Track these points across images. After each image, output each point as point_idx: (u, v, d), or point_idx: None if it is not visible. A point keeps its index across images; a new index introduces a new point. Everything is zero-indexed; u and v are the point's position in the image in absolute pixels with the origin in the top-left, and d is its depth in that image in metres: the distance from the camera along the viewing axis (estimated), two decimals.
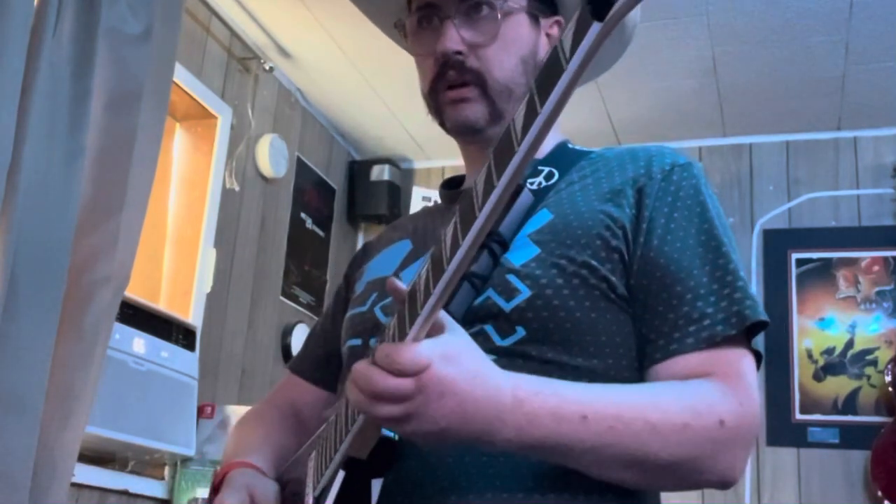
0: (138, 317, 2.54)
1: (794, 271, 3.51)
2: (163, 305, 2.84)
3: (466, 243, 0.75)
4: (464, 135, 1.11)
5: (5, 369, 1.93)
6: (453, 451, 0.93)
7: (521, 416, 0.82)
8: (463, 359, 0.80)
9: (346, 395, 0.84)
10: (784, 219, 3.60)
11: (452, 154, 1.19)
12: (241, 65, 3.21)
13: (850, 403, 3.33)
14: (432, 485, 0.93)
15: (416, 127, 3.77)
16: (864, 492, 3.22)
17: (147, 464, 2.65)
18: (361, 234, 4.04)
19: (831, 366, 3.39)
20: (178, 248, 2.98)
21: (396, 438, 0.91)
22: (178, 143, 3.10)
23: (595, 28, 0.63)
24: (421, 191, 3.86)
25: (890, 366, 3.23)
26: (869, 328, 3.39)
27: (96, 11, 2.20)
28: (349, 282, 1.27)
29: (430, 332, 0.81)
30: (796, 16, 2.93)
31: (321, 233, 3.75)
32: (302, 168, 3.61)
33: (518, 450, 0.84)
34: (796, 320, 3.44)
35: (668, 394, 0.90)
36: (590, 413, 0.85)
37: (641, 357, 0.99)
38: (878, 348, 3.36)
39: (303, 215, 3.61)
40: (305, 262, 3.62)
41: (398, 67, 1.32)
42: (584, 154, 1.12)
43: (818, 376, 3.39)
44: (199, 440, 2.76)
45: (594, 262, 0.98)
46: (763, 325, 0.96)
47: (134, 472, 2.60)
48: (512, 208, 0.80)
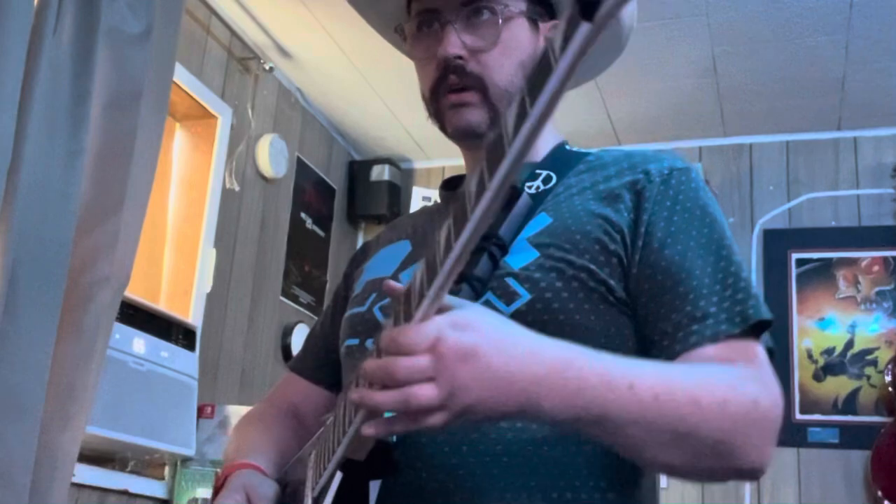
0: (138, 317, 2.54)
1: (794, 271, 3.51)
2: (163, 305, 2.84)
3: (459, 245, 0.75)
4: (465, 139, 1.11)
5: (5, 369, 1.93)
6: (457, 452, 0.93)
7: (566, 381, 0.79)
8: (479, 325, 0.78)
9: (350, 397, 0.82)
10: (784, 219, 3.60)
11: (452, 154, 1.19)
12: (241, 65, 3.21)
13: (850, 403, 3.33)
14: (435, 487, 0.92)
15: (416, 127, 3.77)
16: (864, 492, 3.22)
17: (147, 464, 2.65)
18: (361, 234, 4.05)
19: (831, 366, 3.39)
20: (178, 248, 2.98)
21: (394, 441, 0.91)
22: (178, 143, 3.10)
23: (584, 28, 0.63)
24: (421, 191, 3.86)
25: (890, 366, 3.23)
26: (869, 328, 3.39)
27: (96, 11, 2.20)
28: (348, 281, 1.27)
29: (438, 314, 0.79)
30: (796, 16, 2.93)
31: (321, 233, 3.75)
32: (302, 168, 3.61)
33: (563, 420, 0.81)
34: (796, 320, 3.44)
35: (707, 369, 0.89)
36: (637, 382, 0.82)
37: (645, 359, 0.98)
38: (878, 348, 3.36)
39: (303, 215, 3.61)
40: (305, 262, 3.62)
41: (398, 68, 1.32)
42: (581, 156, 1.12)
43: (818, 376, 3.39)
44: (199, 440, 2.76)
45: (593, 265, 0.98)
46: (767, 324, 0.96)
47: (134, 472, 2.60)
48: (511, 212, 0.80)
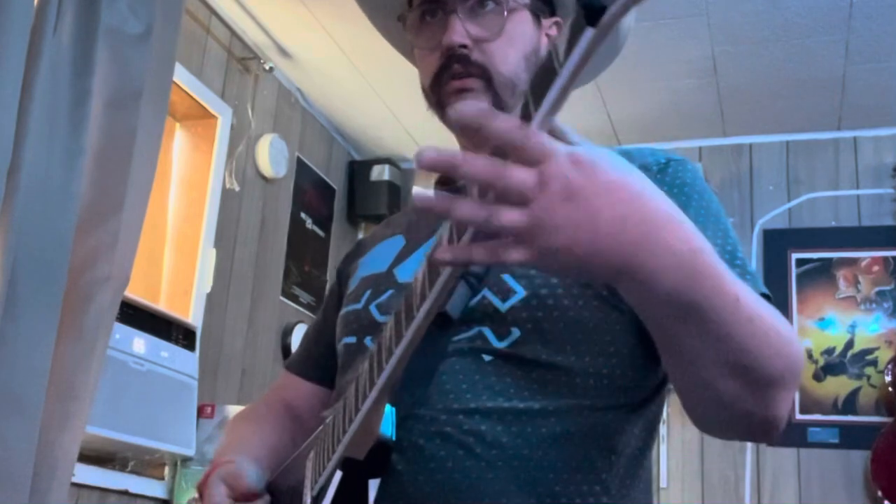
0: (138, 317, 2.54)
1: (794, 271, 3.51)
2: (163, 305, 2.84)
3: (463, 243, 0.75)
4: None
5: (5, 369, 1.93)
6: (453, 456, 0.93)
7: (685, 268, 0.71)
8: (600, 167, 0.68)
9: (425, 200, 0.69)
10: (784, 219, 3.60)
11: None
12: (241, 65, 3.21)
13: (850, 403, 3.33)
14: (431, 489, 0.92)
15: (416, 127, 3.77)
16: (864, 492, 3.22)
17: (147, 464, 2.65)
18: (361, 234, 4.04)
19: (831, 366, 3.39)
20: (178, 248, 2.98)
21: (393, 440, 0.91)
22: (178, 143, 3.10)
23: (588, 33, 0.63)
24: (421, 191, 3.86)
25: (890, 366, 3.23)
26: (869, 328, 3.40)
27: (96, 11, 2.20)
28: (342, 278, 1.26)
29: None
30: (796, 16, 2.93)
31: (321, 233, 3.75)
32: (302, 168, 3.61)
33: (659, 294, 0.72)
34: (796, 320, 3.45)
35: (773, 310, 0.85)
36: (741, 298, 0.76)
37: (652, 349, 0.93)
38: (878, 348, 3.36)
39: (303, 215, 3.61)
40: (305, 262, 3.62)
41: (398, 67, 1.32)
42: None
43: (818, 376, 3.39)
44: (199, 440, 2.76)
45: None
46: (766, 298, 0.93)
47: (134, 472, 2.60)
48: None
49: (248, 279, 3.24)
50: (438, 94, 1.11)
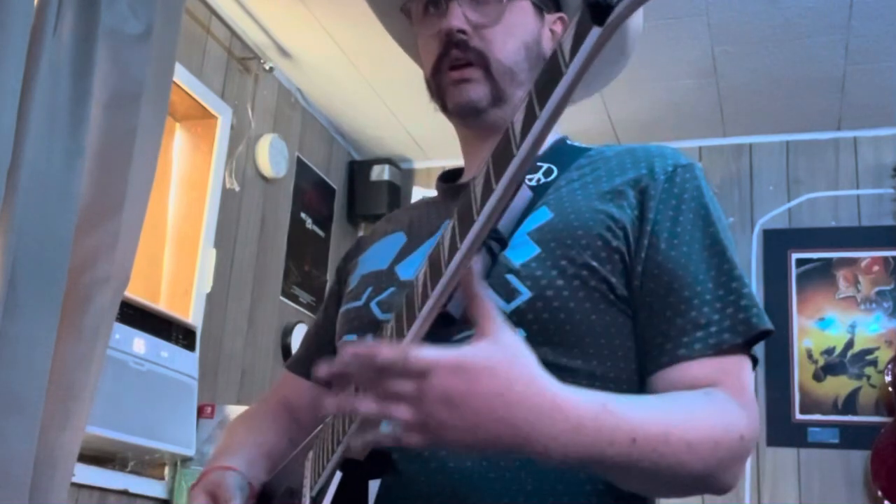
0: (138, 317, 2.54)
1: (794, 271, 3.51)
2: (163, 305, 2.84)
3: (465, 246, 0.75)
4: (465, 116, 1.11)
5: (5, 369, 1.93)
6: (454, 456, 0.93)
7: (572, 440, 0.78)
8: (481, 375, 0.74)
9: (326, 404, 0.80)
10: (784, 219, 3.60)
11: (452, 154, 1.19)
12: (241, 65, 3.21)
13: (850, 403, 3.33)
14: (432, 490, 0.92)
15: (416, 127, 3.77)
16: (864, 492, 3.22)
17: (147, 464, 2.65)
18: (361, 234, 4.04)
19: (831, 366, 3.39)
20: (178, 248, 2.98)
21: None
22: (178, 143, 3.10)
23: (595, 33, 0.63)
24: (421, 191, 3.87)
25: (890, 366, 3.23)
26: (869, 328, 3.39)
27: (96, 11, 2.20)
28: (341, 275, 1.26)
29: (475, 335, 0.77)
30: (796, 16, 2.93)
31: (321, 233, 3.75)
32: (302, 168, 3.61)
33: (560, 465, 0.81)
34: (796, 320, 3.44)
35: (701, 410, 0.90)
36: (639, 436, 0.82)
37: (645, 361, 0.98)
38: (878, 348, 3.36)
39: (303, 215, 3.61)
40: (305, 262, 3.62)
41: (398, 67, 1.32)
42: (582, 151, 1.11)
43: (818, 376, 3.39)
44: (199, 440, 2.76)
45: (594, 262, 0.97)
46: (767, 334, 0.96)
47: (134, 472, 2.60)
48: (510, 205, 0.79)
49: (248, 279, 3.24)
50: (438, 82, 1.11)
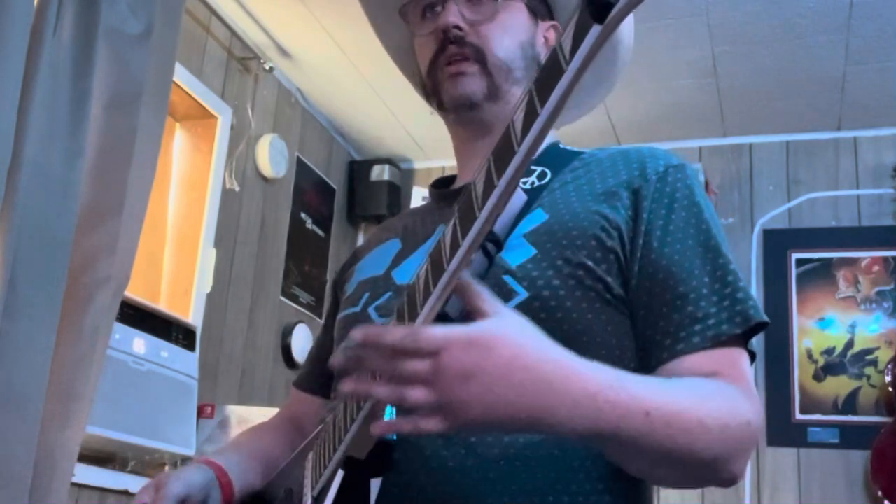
0: (138, 317, 2.54)
1: (794, 271, 3.51)
2: (163, 305, 2.84)
3: (466, 243, 0.75)
4: (461, 110, 1.12)
5: (5, 369, 1.93)
6: (455, 455, 0.93)
7: (588, 409, 0.79)
8: (494, 346, 0.76)
9: (343, 389, 0.80)
10: (784, 219, 3.60)
11: (452, 154, 1.19)
12: (241, 65, 3.21)
13: (850, 403, 3.33)
14: (433, 489, 0.92)
15: (416, 127, 3.77)
16: (864, 492, 3.22)
17: (147, 464, 2.65)
18: (361, 234, 4.05)
19: (831, 366, 3.39)
20: (178, 248, 2.98)
21: (395, 439, 0.91)
22: (178, 143, 3.10)
23: (595, 30, 0.63)
24: (421, 191, 3.86)
25: (890, 366, 3.23)
26: (869, 328, 3.40)
27: (96, 11, 2.20)
28: (338, 287, 1.27)
29: (476, 318, 0.79)
30: (796, 16, 2.93)
31: (321, 233, 3.75)
32: (302, 168, 3.61)
33: (575, 439, 0.82)
34: (796, 320, 3.45)
35: (711, 392, 0.90)
36: (652, 409, 0.82)
37: (645, 358, 0.99)
38: (878, 348, 3.36)
39: (303, 215, 3.61)
40: (305, 262, 3.62)
41: (398, 67, 1.33)
42: (575, 154, 1.12)
43: (818, 376, 3.39)
44: (199, 440, 2.76)
45: (590, 262, 0.98)
46: (764, 326, 0.98)
47: (134, 472, 2.60)
48: (504, 208, 0.80)
49: (248, 279, 3.24)
50: (434, 79, 1.12)
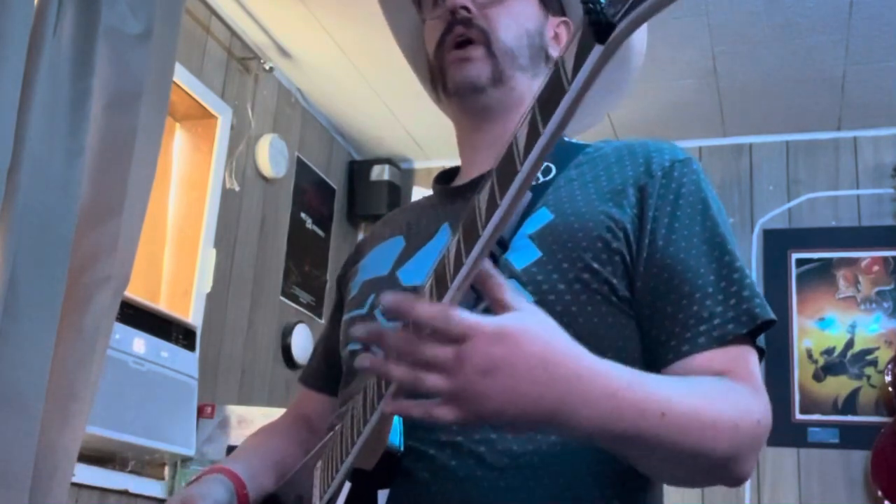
0: (138, 317, 2.54)
1: (794, 271, 3.51)
2: (163, 305, 2.84)
3: (470, 260, 0.76)
4: (465, 95, 1.12)
5: (5, 369, 1.93)
6: (464, 465, 0.92)
7: (605, 408, 0.79)
8: (518, 340, 0.75)
9: (361, 363, 0.79)
10: (784, 219, 3.60)
11: (453, 154, 1.19)
12: (241, 65, 3.21)
13: (850, 403, 3.33)
14: (443, 499, 0.92)
15: (416, 127, 3.77)
16: (864, 492, 3.22)
17: (147, 464, 2.65)
18: (361, 234, 4.04)
19: (831, 366, 3.39)
20: (178, 248, 2.98)
21: (402, 450, 0.90)
22: (178, 143, 3.10)
23: (597, 51, 0.63)
24: (421, 191, 3.86)
25: (890, 366, 3.23)
26: (869, 328, 3.39)
27: (96, 11, 2.20)
28: (341, 284, 1.26)
29: (497, 310, 0.77)
30: (796, 16, 2.93)
31: (321, 233, 3.75)
32: (302, 168, 3.61)
33: (591, 439, 0.81)
34: (796, 320, 3.44)
35: (720, 391, 0.90)
36: (667, 410, 0.82)
37: (651, 359, 0.98)
38: (878, 348, 3.36)
39: (303, 215, 3.61)
40: (305, 262, 3.62)
41: (398, 67, 1.32)
42: (580, 148, 1.11)
43: (818, 376, 3.39)
44: (199, 440, 2.76)
45: (595, 264, 0.97)
46: (771, 324, 0.97)
47: (134, 472, 2.60)
48: (507, 225, 0.80)
49: (248, 279, 3.24)
50: (440, 62, 1.12)
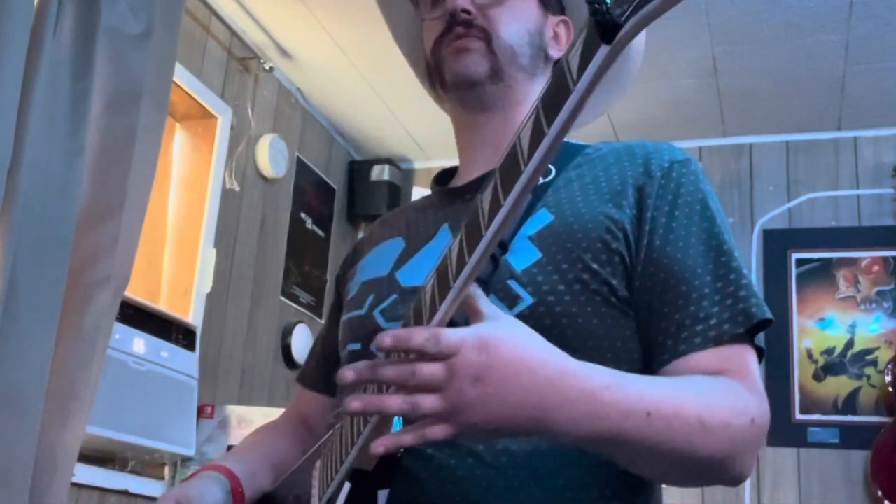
0: (138, 317, 2.54)
1: (794, 271, 3.51)
2: (163, 305, 2.84)
3: (473, 261, 0.76)
4: (462, 88, 1.11)
5: (5, 369, 1.93)
6: (463, 464, 0.92)
7: (588, 409, 0.79)
8: (501, 346, 0.77)
9: (351, 406, 0.79)
10: (784, 219, 3.60)
11: (453, 154, 1.19)
12: (241, 65, 3.21)
13: (850, 403, 3.33)
14: (442, 498, 0.92)
15: (416, 127, 3.77)
16: (864, 492, 3.22)
17: (147, 464, 2.65)
18: (361, 234, 4.04)
19: (831, 366, 3.39)
20: (178, 248, 2.98)
21: (402, 450, 0.90)
22: (178, 143, 3.10)
23: (603, 51, 0.63)
24: (421, 191, 3.86)
25: (890, 366, 3.23)
26: (869, 328, 3.39)
27: (96, 11, 2.20)
28: (340, 284, 1.26)
29: (473, 319, 0.79)
30: (796, 16, 2.93)
31: (321, 233, 3.75)
32: (302, 168, 3.61)
33: (577, 442, 0.82)
34: (796, 320, 3.44)
35: (711, 391, 0.90)
36: (653, 409, 0.82)
37: (648, 359, 0.98)
38: (878, 348, 3.36)
39: (303, 215, 3.61)
40: (305, 262, 3.62)
41: (398, 67, 1.32)
42: (579, 149, 1.11)
43: (818, 376, 3.39)
44: (199, 440, 2.76)
45: (595, 265, 0.97)
46: (768, 323, 0.96)
47: (134, 472, 2.60)
48: (510, 224, 0.80)
49: (248, 279, 3.24)
50: (438, 56, 1.12)
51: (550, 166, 1.07)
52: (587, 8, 0.64)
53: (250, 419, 2.84)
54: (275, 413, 2.12)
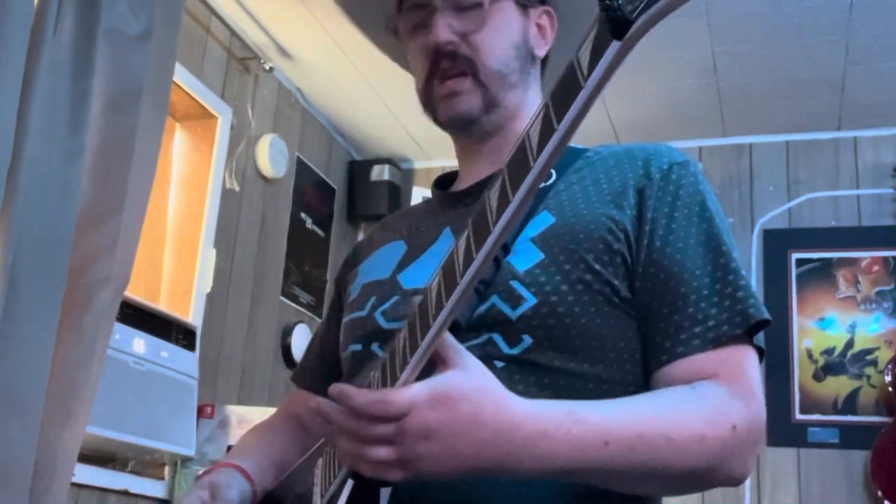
0: (138, 317, 2.54)
1: (794, 271, 3.51)
2: (163, 305, 2.84)
3: (480, 256, 0.76)
4: (458, 128, 1.12)
5: (5, 369, 1.93)
6: None
7: (547, 448, 0.82)
8: (455, 401, 0.80)
9: (325, 433, 0.84)
10: (784, 219, 3.60)
11: (453, 154, 1.19)
12: (241, 65, 3.21)
13: (850, 403, 3.33)
14: (444, 498, 0.92)
15: (416, 127, 3.77)
16: (864, 492, 3.22)
17: (147, 464, 2.65)
18: (361, 234, 4.04)
19: (831, 366, 3.39)
20: (178, 248, 2.98)
21: None
22: (178, 143, 3.10)
23: (614, 47, 0.63)
24: (421, 191, 3.86)
25: (890, 366, 3.23)
26: (869, 328, 3.39)
27: (96, 11, 2.20)
28: (340, 286, 1.26)
29: (439, 366, 0.81)
30: (796, 16, 2.93)
31: (321, 233, 3.75)
32: (302, 168, 3.61)
33: (546, 477, 0.85)
34: (796, 320, 3.44)
35: (682, 404, 0.90)
36: (611, 438, 0.84)
37: (647, 360, 0.98)
38: (878, 348, 3.36)
39: (303, 215, 3.61)
40: (305, 262, 3.62)
41: (398, 67, 1.33)
42: (580, 152, 1.11)
43: (818, 376, 3.39)
44: (199, 440, 2.76)
45: (597, 265, 0.98)
46: (766, 324, 0.97)
47: (134, 472, 2.60)
48: (518, 222, 0.80)
49: (248, 279, 3.24)
50: (430, 95, 1.12)
51: (552, 170, 1.07)
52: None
53: (250, 419, 2.83)
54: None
